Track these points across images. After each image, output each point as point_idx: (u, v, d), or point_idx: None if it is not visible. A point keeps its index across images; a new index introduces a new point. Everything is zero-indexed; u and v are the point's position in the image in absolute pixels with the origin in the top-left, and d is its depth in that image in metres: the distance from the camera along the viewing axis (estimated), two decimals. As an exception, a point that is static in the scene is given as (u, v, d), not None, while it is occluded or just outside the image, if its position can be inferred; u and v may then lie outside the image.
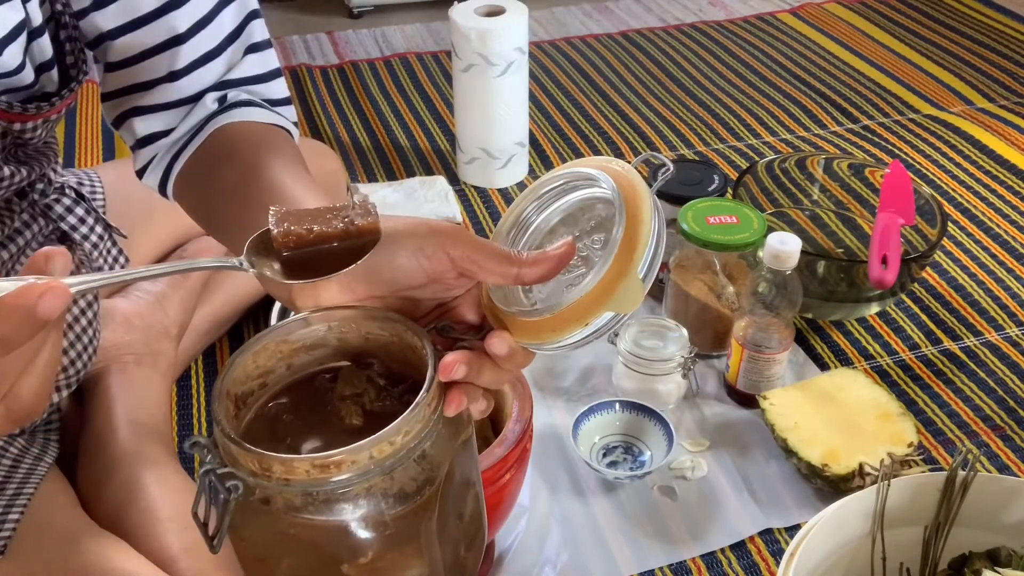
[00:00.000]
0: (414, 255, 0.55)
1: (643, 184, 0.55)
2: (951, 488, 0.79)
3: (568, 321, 0.53)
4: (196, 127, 0.77)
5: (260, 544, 0.55)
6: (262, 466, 0.50)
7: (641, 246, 0.53)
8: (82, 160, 1.62)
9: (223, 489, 0.51)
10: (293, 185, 0.68)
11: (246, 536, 0.55)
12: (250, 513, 0.52)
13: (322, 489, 0.50)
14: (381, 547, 0.53)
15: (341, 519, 0.51)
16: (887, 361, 1.18)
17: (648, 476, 1.00)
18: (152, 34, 0.74)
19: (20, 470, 0.84)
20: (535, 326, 0.54)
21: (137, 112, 0.77)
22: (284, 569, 0.56)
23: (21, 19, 0.68)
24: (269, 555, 0.56)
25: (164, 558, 0.83)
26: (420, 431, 0.51)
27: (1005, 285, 1.31)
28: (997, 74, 1.89)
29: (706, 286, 1.13)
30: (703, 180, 1.22)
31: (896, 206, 1.21)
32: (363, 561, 0.54)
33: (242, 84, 0.80)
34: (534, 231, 0.60)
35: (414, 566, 0.56)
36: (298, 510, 0.51)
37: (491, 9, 1.45)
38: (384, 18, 2.22)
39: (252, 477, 0.50)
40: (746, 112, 1.76)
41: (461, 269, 0.55)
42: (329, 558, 0.54)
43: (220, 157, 0.75)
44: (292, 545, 0.54)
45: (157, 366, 1.05)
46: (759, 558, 0.94)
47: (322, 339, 0.58)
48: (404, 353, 0.57)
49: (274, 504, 0.51)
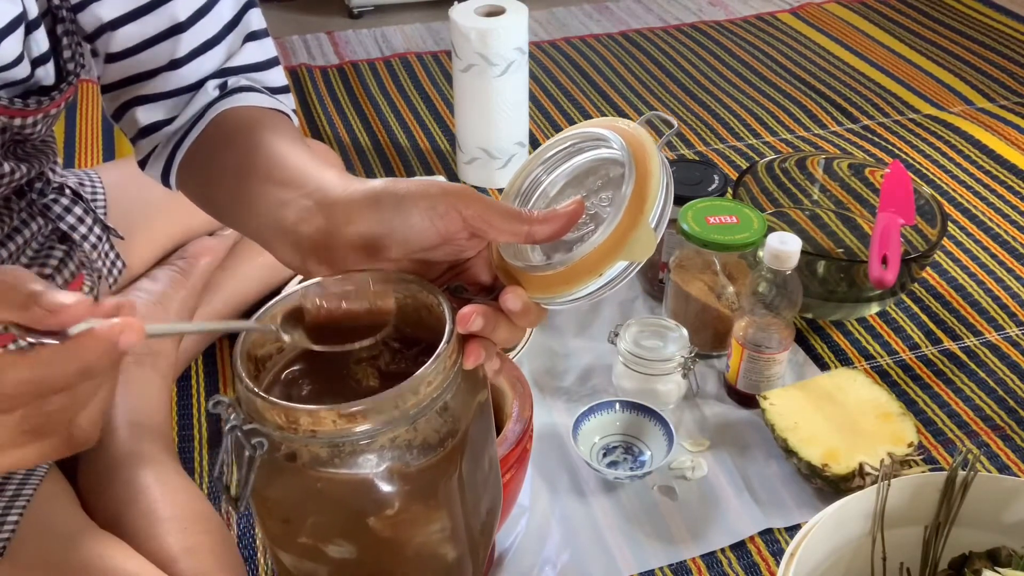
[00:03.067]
0: (427, 216, 0.56)
1: (649, 139, 0.57)
2: (951, 488, 0.79)
3: (582, 273, 0.55)
4: (197, 114, 0.78)
5: (285, 503, 0.55)
6: (289, 419, 0.51)
7: (651, 197, 0.55)
8: (82, 160, 1.62)
9: (248, 446, 0.52)
10: (293, 155, 0.68)
11: (270, 496, 0.55)
12: (275, 471, 0.53)
13: (348, 440, 0.50)
14: (406, 499, 0.54)
15: (367, 471, 0.52)
16: (887, 361, 1.18)
17: (648, 476, 1.00)
18: (153, 23, 0.75)
19: (19, 471, 0.84)
20: (549, 280, 0.56)
21: (139, 102, 0.78)
22: (309, 528, 0.56)
23: (19, 12, 0.68)
24: (294, 515, 0.56)
25: (164, 558, 0.83)
26: (442, 382, 0.53)
27: (1005, 285, 1.31)
28: (997, 74, 1.89)
29: (706, 286, 1.13)
30: (703, 180, 1.22)
31: (896, 206, 1.21)
32: (389, 513, 0.54)
33: (242, 72, 0.80)
34: (541, 194, 0.62)
35: (437, 519, 0.56)
36: (324, 464, 0.51)
37: (491, 9, 1.45)
38: (384, 18, 2.22)
39: (278, 431, 0.51)
40: (746, 112, 1.76)
41: (473, 229, 0.56)
42: (355, 512, 0.55)
43: (222, 140, 0.75)
44: (318, 501, 0.54)
45: (157, 366, 1.05)
46: (759, 558, 0.94)
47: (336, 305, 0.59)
48: (418, 314, 0.58)
49: (300, 459, 0.52)
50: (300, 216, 0.60)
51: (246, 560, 0.92)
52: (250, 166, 0.69)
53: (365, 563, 0.57)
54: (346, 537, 0.56)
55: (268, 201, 0.64)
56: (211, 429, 1.08)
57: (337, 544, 0.57)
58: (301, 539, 0.57)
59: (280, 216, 0.62)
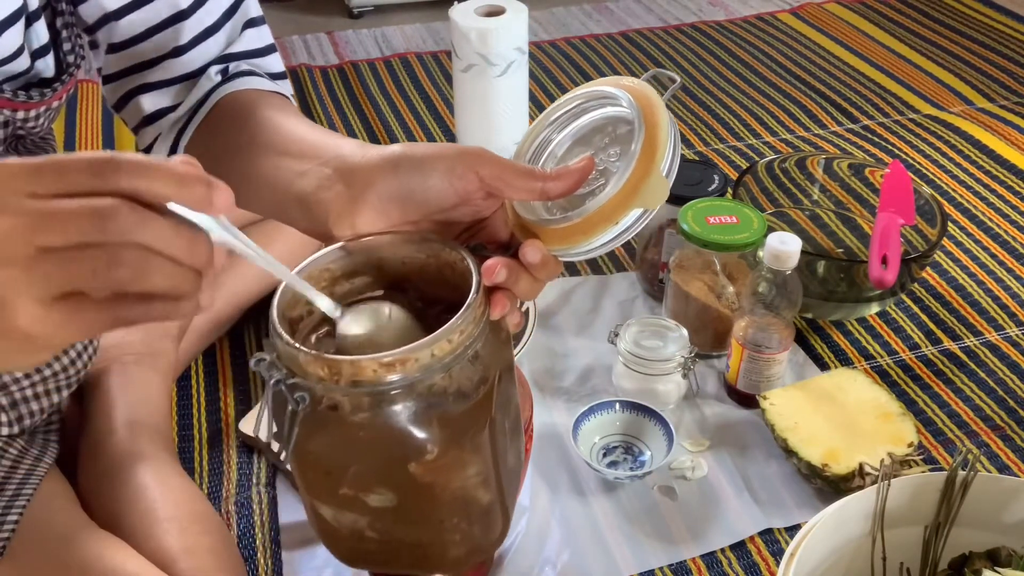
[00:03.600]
0: (446, 176, 0.58)
1: (655, 93, 0.59)
2: (951, 488, 0.79)
3: (598, 223, 0.58)
4: (201, 99, 0.79)
5: (327, 455, 0.57)
6: (331, 371, 0.53)
7: (661, 146, 0.57)
8: (82, 160, 1.62)
9: (292, 400, 0.53)
10: (304, 129, 0.70)
11: (312, 448, 0.56)
12: (317, 424, 0.55)
13: (388, 388, 0.53)
14: (444, 444, 0.56)
15: (407, 418, 0.55)
16: (887, 361, 1.18)
17: (648, 476, 1.00)
18: (156, 11, 0.76)
19: (19, 471, 0.84)
20: (566, 232, 0.58)
21: (144, 89, 0.79)
22: (351, 478, 0.58)
23: (19, 5, 0.69)
24: (335, 466, 0.58)
25: (164, 559, 0.83)
26: (472, 331, 0.55)
27: (1005, 285, 1.31)
28: (997, 74, 1.89)
29: (706, 286, 1.13)
30: (703, 180, 1.22)
31: (896, 206, 1.21)
32: (428, 459, 0.56)
33: (242, 58, 0.82)
34: (550, 154, 0.64)
35: (473, 463, 0.59)
36: (366, 413, 0.54)
37: (491, 9, 1.45)
38: (384, 18, 2.22)
39: (320, 384, 0.53)
40: (746, 112, 1.76)
41: (489, 188, 0.59)
42: (396, 459, 0.57)
43: (228, 121, 0.77)
44: (359, 450, 0.56)
45: (157, 366, 1.05)
46: (759, 558, 0.94)
47: (361, 266, 0.61)
48: (441, 273, 0.61)
49: (342, 410, 0.54)
50: (320, 183, 0.62)
51: (246, 560, 0.92)
52: (262, 143, 0.71)
53: (405, 510, 0.59)
54: (387, 485, 0.58)
55: (285, 173, 0.65)
56: (211, 429, 1.08)
57: (378, 492, 0.59)
58: (342, 490, 0.59)
59: (299, 186, 0.63)
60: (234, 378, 1.15)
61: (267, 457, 1.03)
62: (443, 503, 0.60)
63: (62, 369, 0.89)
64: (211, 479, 1.02)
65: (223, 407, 1.11)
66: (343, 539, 0.62)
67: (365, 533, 0.61)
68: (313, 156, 0.64)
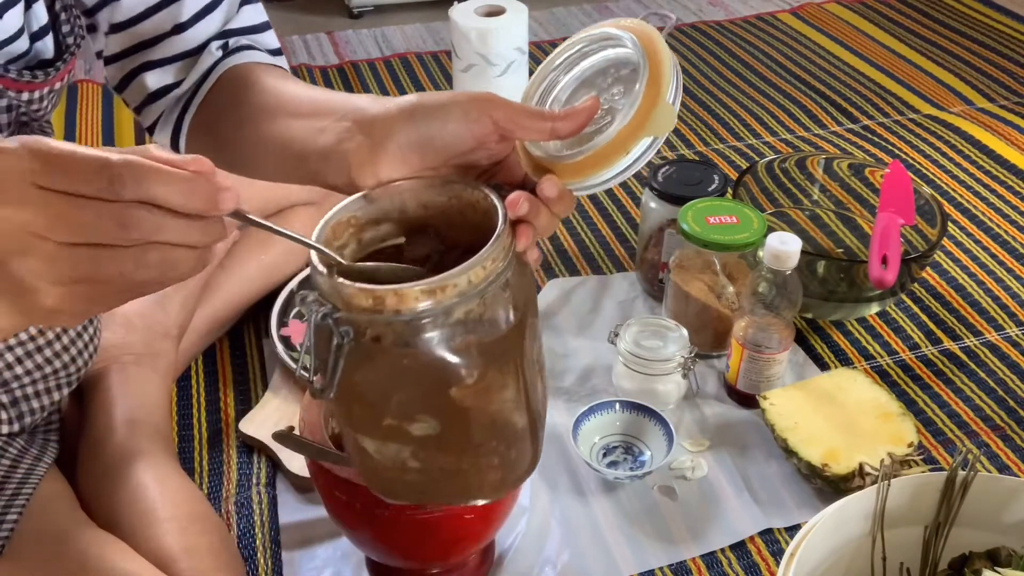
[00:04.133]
0: (462, 121, 0.61)
1: (654, 29, 0.63)
2: (951, 488, 0.79)
3: (610, 154, 0.61)
4: (204, 74, 0.81)
5: (371, 386, 0.59)
6: (375, 301, 0.55)
7: (666, 76, 0.61)
8: (82, 160, 1.62)
9: (337, 334, 0.56)
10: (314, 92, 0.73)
11: (357, 381, 0.59)
12: (362, 356, 0.57)
13: (429, 314, 0.56)
14: (483, 368, 0.59)
15: (448, 343, 0.58)
16: (887, 361, 1.18)
17: (648, 476, 1.00)
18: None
19: (19, 470, 0.84)
20: (580, 166, 0.62)
21: (147, 67, 0.81)
22: (394, 407, 0.61)
23: None
24: (379, 397, 0.60)
25: (164, 559, 0.83)
26: (502, 259, 0.58)
27: (1005, 285, 1.31)
28: (997, 74, 1.89)
29: (706, 286, 1.13)
30: (703, 180, 1.22)
31: (896, 206, 1.20)
32: (468, 383, 0.60)
33: (241, 34, 0.84)
34: (555, 99, 0.67)
35: (509, 386, 0.62)
36: (409, 341, 0.57)
37: (491, 9, 1.45)
38: (384, 18, 2.22)
39: (364, 316, 0.56)
40: (746, 112, 1.76)
41: (502, 130, 0.62)
42: (437, 385, 0.59)
43: (234, 93, 0.79)
44: (402, 379, 0.59)
45: (157, 367, 1.05)
46: (759, 558, 0.94)
47: (385, 213, 0.64)
48: (462, 214, 0.64)
49: (385, 340, 0.56)
50: (340, 137, 0.64)
51: (246, 560, 0.92)
52: (271, 109, 0.73)
53: (446, 437, 0.62)
54: (429, 412, 0.61)
55: (301, 133, 0.68)
56: (211, 430, 1.08)
57: (420, 421, 0.61)
58: (386, 421, 0.61)
59: (320, 142, 0.66)
60: (234, 378, 1.15)
61: (267, 456, 1.04)
62: (482, 427, 0.62)
63: (63, 367, 0.89)
64: (211, 479, 1.02)
65: (223, 407, 1.11)
66: (385, 472, 0.64)
67: (408, 464, 0.63)
68: (328, 113, 0.67)
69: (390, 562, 0.86)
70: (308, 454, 0.76)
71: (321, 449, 0.75)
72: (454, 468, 0.64)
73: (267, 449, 1.03)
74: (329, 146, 0.65)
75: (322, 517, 0.93)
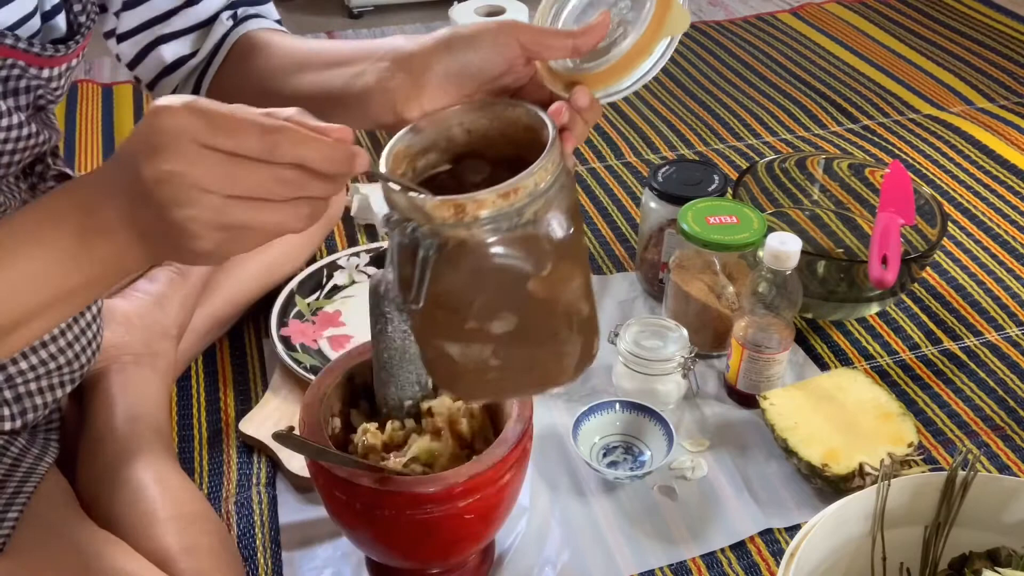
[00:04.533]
0: (493, 47, 0.67)
1: None
2: (951, 488, 0.79)
3: (635, 57, 0.67)
4: (217, 44, 0.86)
5: (455, 292, 0.64)
6: (456, 210, 0.60)
7: None
8: (82, 161, 1.62)
9: (423, 247, 0.61)
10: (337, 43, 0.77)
11: (442, 290, 0.64)
12: (446, 264, 0.62)
13: (505, 216, 0.61)
14: (555, 260, 0.65)
15: (523, 241, 0.63)
16: (887, 361, 1.18)
17: (648, 476, 1.00)
18: None
19: (20, 469, 0.84)
20: (607, 74, 0.67)
21: (162, 40, 0.85)
22: (477, 310, 0.66)
23: None
24: (463, 302, 0.65)
25: (164, 558, 0.83)
26: (559, 162, 0.63)
27: (1005, 285, 1.31)
28: (997, 74, 1.89)
29: (706, 286, 1.13)
30: (703, 180, 1.22)
31: (896, 206, 1.21)
32: (544, 274, 0.65)
33: (246, 4, 0.88)
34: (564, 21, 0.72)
35: (576, 276, 0.68)
36: (489, 243, 0.62)
37: (491, 9, 1.45)
38: (384, 18, 2.22)
39: (447, 225, 0.61)
40: (746, 112, 1.76)
41: (529, 52, 0.67)
42: (516, 281, 0.65)
43: (249, 59, 0.84)
44: (484, 280, 0.64)
45: (156, 367, 1.05)
46: (759, 558, 0.94)
47: (433, 142, 0.69)
48: (503, 134, 0.69)
49: (467, 245, 0.62)
50: (381, 76, 0.69)
51: (246, 560, 0.92)
52: (299, 63, 0.78)
53: (524, 330, 0.67)
54: (509, 308, 0.66)
55: (337, 80, 0.73)
56: (211, 429, 1.08)
57: (501, 318, 0.66)
58: (469, 324, 0.66)
59: (360, 84, 0.70)
60: (234, 378, 1.15)
61: (267, 456, 1.04)
62: (557, 315, 0.68)
63: (66, 363, 0.89)
64: (211, 479, 1.02)
65: (223, 407, 1.11)
66: (468, 375, 0.69)
67: (489, 363, 0.68)
68: (362, 58, 0.72)
69: (390, 562, 0.86)
70: (308, 454, 0.76)
71: (321, 449, 0.75)
72: (531, 360, 0.70)
73: (267, 449, 1.03)
74: (371, 86, 0.69)
75: (322, 517, 0.93)
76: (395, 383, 0.82)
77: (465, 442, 0.83)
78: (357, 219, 1.43)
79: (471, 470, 0.75)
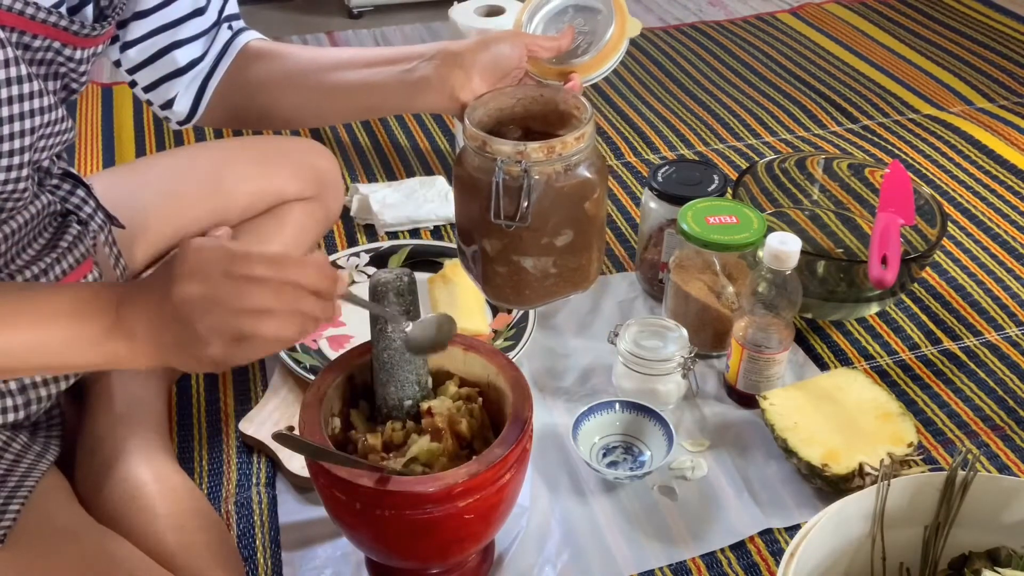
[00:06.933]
0: (511, 46, 0.95)
1: None
2: (951, 488, 0.79)
3: (609, 52, 0.99)
4: (221, 50, 0.98)
5: (542, 213, 0.92)
6: (548, 151, 0.90)
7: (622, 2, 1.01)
8: (82, 163, 1.62)
9: (527, 178, 0.90)
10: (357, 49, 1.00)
11: (537, 211, 0.92)
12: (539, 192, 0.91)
13: (577, 152, 0.92)
14: (601, 185, 0.96)
15: (585, 172, 0.94)
16: (887, 361, 1.18)
17: (648, 476, 1.00)
18: None
19: (22, 465, 0.85)
20: (592, 64, 0.99)
21: (178, 45, 0.95)
22: (550, 227, 0.94)
23: None
24: (543, 223, 0.93)
25: (161, 555, 0.83)
26: (594, 121, 0.94)
27: (1005, 285, 1.31)
28: (997, 74, 1.89)
29: (706, 286, 1.13)
30: (703, 180, 1.22)
31: (896, 206, 1.20)
32: (595, 196, 0.96)
33: (235, 19, 1.00)
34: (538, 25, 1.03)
35: (607, 201, 1.02)
36: (565, 174, 0.92)
37: (491, 9, 1.45)
38: (384, 18, 2.23)
39: (538, 164, 0.90)
40: (746, 112, 1.76)
41: (530, 52, 0.96)
42: (577, 202, 0.95)
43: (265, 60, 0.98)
44: (557, 203, 0.93)
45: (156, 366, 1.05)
46: (759, 558, 0.94)
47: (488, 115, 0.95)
48: (533, 108, 0.98)
49: (550, 177, 0.91)
50: (435, 70, 0.93)
51: (246, 560, 0.92)
52: (332, 63, 0.97)
53: (577, 242, 0.97)
54: (570, 224, 0.95)
55: (385, 76, 0.94)
56: (211, 429, 1.08)
57: (564, 234, 0.95)
58: (543, 240, 0.95)
59: (418, 76, 0.93)
60: (234, 378, 1.15)
61: (267, 456, 1.04)
62: (596, 229, 0.99)
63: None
64: (211, 479, 1.02)
65: (223, 407, 1.11)
66: (533, 283, 0.98)
67: (549, 271, 0.97)
68: (405, 58, 0.95)
69: (390, 562, 0.86)
70: (308, 454, 0.76)
71: (321, 449, 0.75)
72: (576, 266, 0.99)
73: (267, 449, 1.03)
74: (429, 76, 0.92)
75: (322, 517, 0.93)
76: (395, 383, 0.82)
77: (465, 442, 0.83)
78: (357, 219, 1.43)
79: (471, 470, 0.75)
